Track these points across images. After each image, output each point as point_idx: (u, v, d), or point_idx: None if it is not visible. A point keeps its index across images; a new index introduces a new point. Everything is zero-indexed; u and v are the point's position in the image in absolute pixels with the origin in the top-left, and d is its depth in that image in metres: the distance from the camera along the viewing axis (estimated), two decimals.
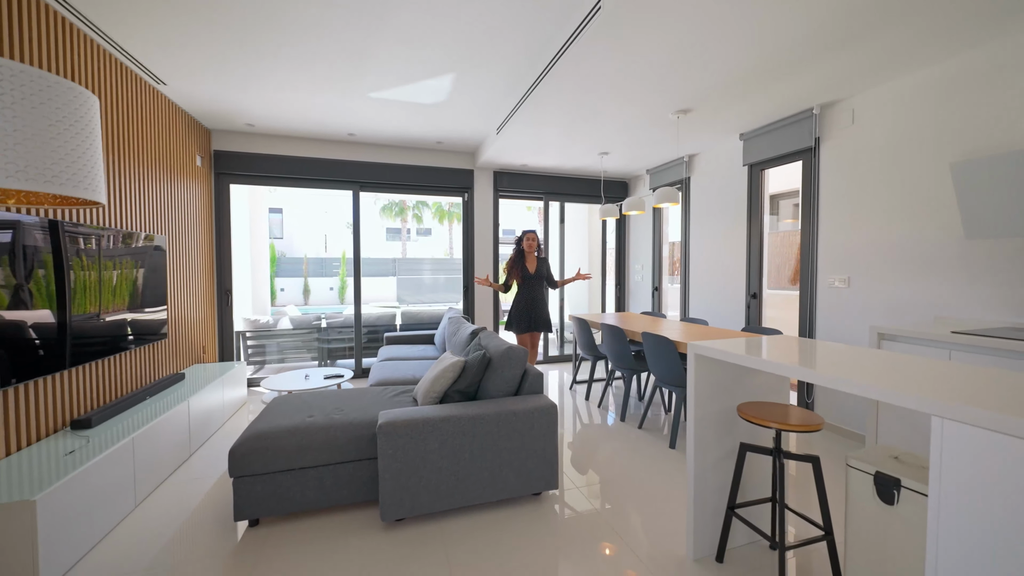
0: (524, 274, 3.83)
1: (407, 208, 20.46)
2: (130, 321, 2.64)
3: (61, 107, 1.09)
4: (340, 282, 15.23)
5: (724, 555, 1.73)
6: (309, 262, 16.10)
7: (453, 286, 16.67)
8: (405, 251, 21.34)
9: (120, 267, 2.55)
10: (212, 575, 1.67)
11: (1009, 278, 2.22)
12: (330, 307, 13.24)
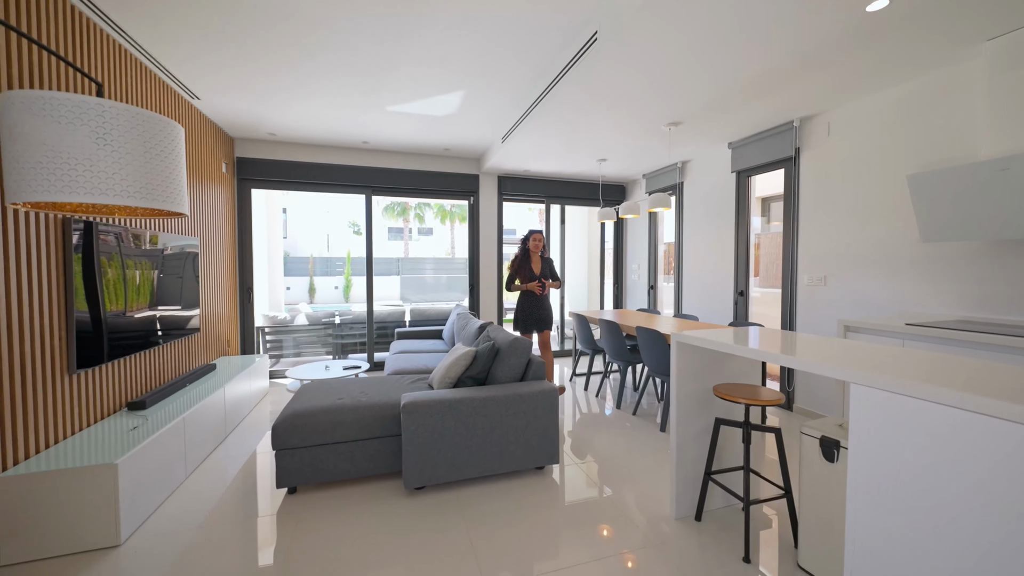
0: (529, 275, 3.90)
1: (409, 208, 20.74)
2: (174, 316, 2.92)
3: (155, 136, 1.36)
4: (345, 281, 15.52)
5: (702, 515, 2.01)
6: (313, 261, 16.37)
7: (454, 285, 16.95)
8: (407, 251, 21.61)
9: (167, 269, 2.83)
10: (262, 532, 1.95)
11: (960, 277, 2.50)
12: (334, 306, 13.52)
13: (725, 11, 1.96)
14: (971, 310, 2.46)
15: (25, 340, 1.82)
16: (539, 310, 3.91)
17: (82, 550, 1.78)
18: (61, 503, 1.74)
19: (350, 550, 1.80)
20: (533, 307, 3.90)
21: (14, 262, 1.77)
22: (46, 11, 1.96)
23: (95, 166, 1.23)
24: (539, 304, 3.91)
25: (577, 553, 1.79)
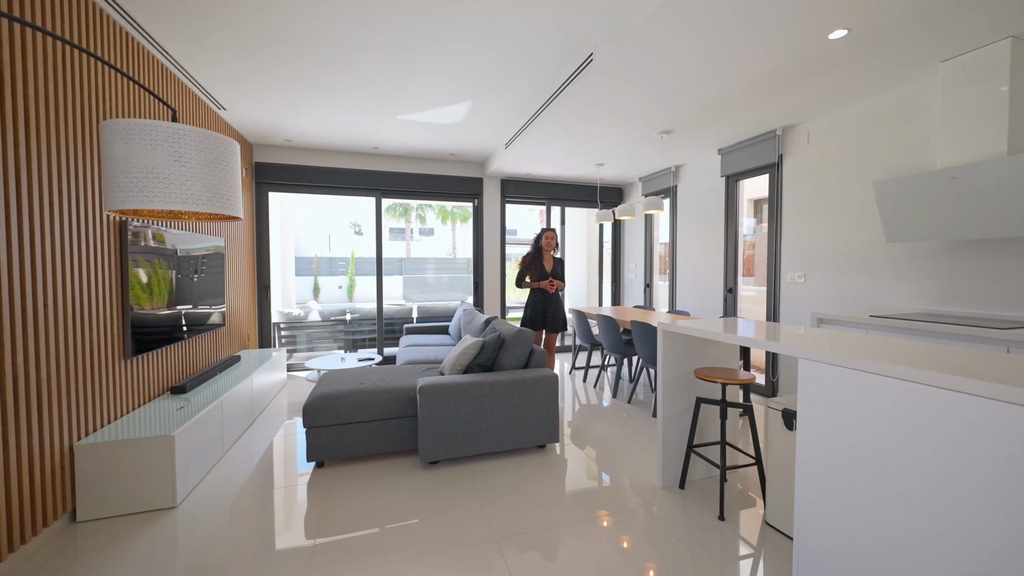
0: (541, 273, 3.82)
1: (411, 209, 21.00)
2: (205, 311, 3.19)
3: (217, 152, 1.62)
4: (349, 281, 15.77)
5: (686, 483, 2.27)
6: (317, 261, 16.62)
7: (455, 284, 17.22)
8: (409, 251, 21.89)
9: (200, 268, 3.10)
10: (297, 498, 2.21)
11: (921, 274, 2.76)
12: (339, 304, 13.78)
13: (706, 40, 2.22)
14: (931, 304, 2.72)
15: (92, 329, 2.08)
16: (550, 309, 3.87)
17: (144, 510, 2.04)
18: (126, 469, 2.01)
19: (376, 511, 2.06)
20: (543, 306, 3.86)
21: (84, 262, 2.03)
22: (111, 39, 2.22)
23: (170, 179, 1.48)
24: (550, 304, 3.86)
25: (575, 514, 2.05)
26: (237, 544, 1.84)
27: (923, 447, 1.19)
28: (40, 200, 1.80)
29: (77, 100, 2.01)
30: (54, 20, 1.89)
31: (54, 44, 1.87)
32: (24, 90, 1.73)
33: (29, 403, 1.73)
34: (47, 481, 1.82)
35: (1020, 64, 2.22)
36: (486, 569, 1.67)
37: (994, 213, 2.24)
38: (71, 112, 1.98)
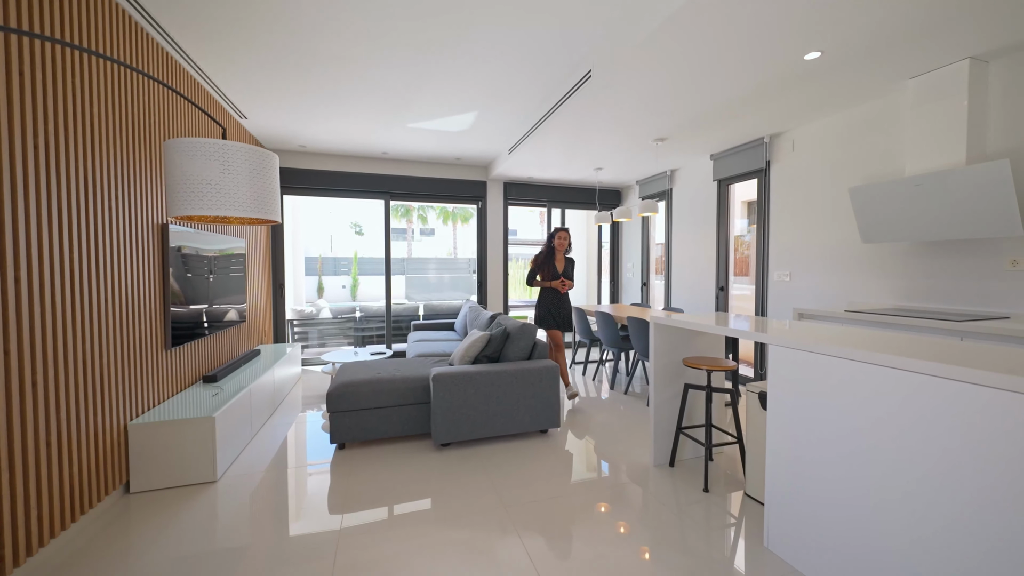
0: (552, 273, 3.81)
1: (412, 210, 21.23)
2: (231, 308, 3.42)
3: (259, 164, 1.85)
4: (352, 280, 16.03)
5: (675, 462, 2.51)
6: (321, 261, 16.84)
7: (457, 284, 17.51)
8: (410, 251, 22.12)
9: (226, 267, 3.34)
10: (322, 475, 2.45)
11: (894, 272, 2.99)
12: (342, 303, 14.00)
13: (694, 61, 2.45)
14: (902, 299, 2.95)
15: (140, 323, 2.32)
16: (563, 308, 3.85)
17: (189, 483, 2.28)
18: (173, 446, 2.24)
19: (395, 486, 2.30)
20: (556, 305, 3.83)
21: (133, 263, 2.27)
22: (154, 57, 2.46)
23: (221, 188, 1.72)
24: (563, 303, 3.86)
25: (575, 487, 2.28)
26: (276, 513, 2.08)
27: (870, 417, 1.42)
28: (100, 209, 2.03)
29: (129, 119, 2.24)
30: (111, 45, 2.12)
31: (109, 69, 2.11)
32: (89, 112, 1.96)
33: (92, 387, 1.96)
34: (106, 456, 2.05)
35: (977, 82, 2.46)
36: (499, 531, 1.91)
37: (953, 217, 2.47)
38: (124, 130, 2.21)
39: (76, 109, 1.88)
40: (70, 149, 1.85)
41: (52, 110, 1.75)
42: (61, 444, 1.77)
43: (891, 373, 1.35)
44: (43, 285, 1.70)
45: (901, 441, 1.33)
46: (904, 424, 1.32)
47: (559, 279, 3.79)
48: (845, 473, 1.49)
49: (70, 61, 1.85)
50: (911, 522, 1.30)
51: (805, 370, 1.61)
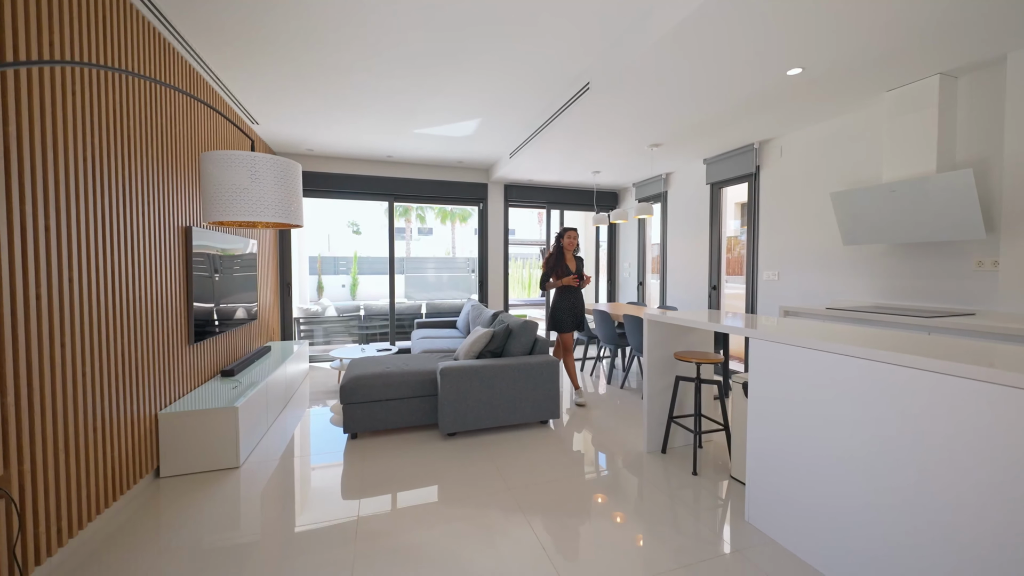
0: (564, 273, 3.78)
1: (410, 209, 21.37)
2: (244, 306, 3.58)
3: (284, 173, 2.02)
4: (352, 279, 16.16)
5: (667, 449, 2.69)
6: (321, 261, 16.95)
7: (456, 284, 17.69)
8: (409, 251, 22.25)
9: (241, 268, 3.49)
10: (337, 461, 2.61)
11: (873, 272, 3.18)
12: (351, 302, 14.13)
13: (685, 77, 2.63)
14: (880, 298, 3.15)
15: (167, 319, 2.48)
16: (577, 309, 3.80)
17: (214, 469, 2.44)
18: (200, 434, 2.41)
19: (407, 470, 2.47)
20: (571, 305, 3.78)
21: (161, 265, 2.43)
22: (178, 70, 2.62)
23: (249, 195, 1.88)
24: (577, 303, 3.81)
25: (573, 471, 2.46)
26: (297, 496, 2.24)
27: (834, 401, 1.61)
28: (135, 214, 2.19)
29: (158, 130, 2.40)
30: (144, 63, 2.28)
31: (142, 87, 2.27)
32: (126, 125, 2.12)
33: (128, 378, 2.12)
34: (140, 443, 2.22)
35: (947, 96, 2.65)
36: (505, 509, 2.08)
37: (924, 222, 2.66)
38: (154, 140, 2.37)
39: (115, 123, 2.04)
40: (111, 160, 2.01)
41: (96, 125, 1.91)
42: (104, 430, 1.94)
43: (851, 361, 1.53)
44: (91, 284, 1.86)
45: (861, 421, 1.51)
46: (863, 405, 1.50)
47: (572, 276, 3.73)
48: (813, 452, 1.67)
49: (110, 81, 2.01)
50: (868, 490, 1.49)
51: (780, 360, 1.79)
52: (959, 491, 1.25)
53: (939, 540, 1.30)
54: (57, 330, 1.67)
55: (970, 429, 1.24)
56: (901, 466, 1.39)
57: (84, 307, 1.82)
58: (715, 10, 1.98)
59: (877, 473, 1.46)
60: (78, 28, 1.79)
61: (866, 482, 1.49)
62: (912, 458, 1.36)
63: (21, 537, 1.47)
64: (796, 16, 2.04)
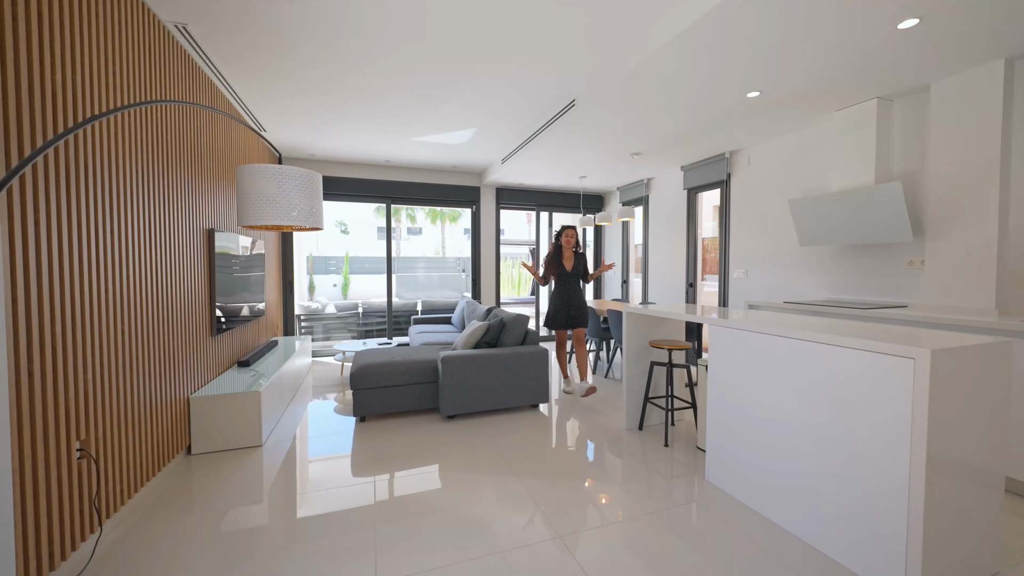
0: (560, 271, 3.83)
1: (400, 209, 21.50)
2: (255, 303, 3.84)
3: (307, 183, 2.31)
4: (343, 279, 16.29)
5: (643, 426, 3.04)
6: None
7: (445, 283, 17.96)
8: (399, 250, 22.37)
9: (252, 267, 3.75)
10: (348, 441, 2.90)
11: (826, 270, 3.58)
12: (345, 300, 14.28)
13: (658, 99, 2.98)
14: (831, 293, 3.55)
15: (194, 314, 2.74)
16: (572, 307, 3.86)
17: (239, 447, 2.71)
18: (226, 416, 2.67)
19: (414, 447, 2.77)
20: (566, 304, 3.86)
21: (190, 264, 2.69)
22: (204, 89, 2.88)
23: (277, 202, 2.17)
24: (572, 301, 3.87)
25: (562, 446, 2.79)
26: (318, 469, 2.53)
27: (782, 377, 1.96)
28: (171, 218, 2.46)
29: (185, 140, 2.67)
30: (175, 81, 2.54)
31: (176, 106, 2.53)
32: (163, 139, 2.39)
33: (166, 365, 2.39)
34: (176, 423, 2.48)
35: (884, 117, 3.05)
36: (501, 475, 2.40)
37: (865, 226, 3.06)
38: (183, 150, 2.63)
39: (154, 138, 2.30)
40: (153, 172, 2.27)
41: (142, 140, 2.18)
42: (149, 410, 2.20)
43: (780, 340, 1.89)
44: (140, 280, 2.13)
45: (789, 386, 1.87)
46: (791, 373, 1.86)
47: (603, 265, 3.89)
48: (756, 417, 2.03)
49: (152, 104, 2.27)
50: (794, 445, 1.85)
51: (730, 343, 2.15)
52: (857, 441, 1.61)
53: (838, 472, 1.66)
54: (116, 320, 1.93)
55: (858, 384, 1.60)
56: (820, 424, 1.75)
57: (134, 300, 2.08)
58: (680, 46, 2.33)
59: (802, 430, 1.82)
60: (133, 56, 2.06)
61: (793, 439, 1.85)
62: (826, 410, 1.73)
63: (100, 491, 1.75)
64: (752, 50, 2.40)
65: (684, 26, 2.14)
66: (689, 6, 2.11)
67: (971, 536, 1.55)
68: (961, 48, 2.38)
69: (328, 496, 2.20)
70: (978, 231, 2.59)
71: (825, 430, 1.73)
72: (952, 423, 1.47)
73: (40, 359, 1.48)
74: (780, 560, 1.70)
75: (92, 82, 1.77)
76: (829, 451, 1.72)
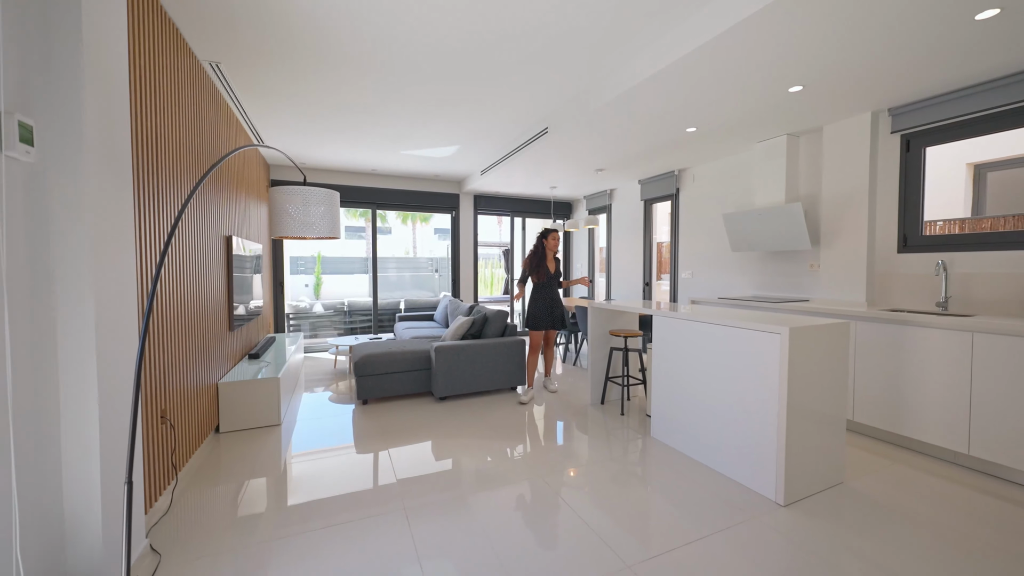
0: (544, 273, 3.93)
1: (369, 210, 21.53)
2: (256, 302, 4.20)
3: (327, 199, 2.77)
4: (316, 279, 16.28)
5: (604, 401, 3.68)
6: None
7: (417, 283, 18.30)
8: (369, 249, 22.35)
9: (254, 269, 4.11)
10: (356, 419, 3.37)
11: (751, 271, 4.35)
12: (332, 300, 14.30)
13: (614, 128, 3.62)
14: (756, 290, 4.32)
15: (219, 310, 3.13)
16: (555, 309, 3.94)
17: (261, 426, 3.13)
18: (250, 399, 3.09)
19: (412, 422, 3.28)
20: (549, 306, 3.93)
21: (214, 267, 3.08)
22: (221, 107, 3.26)
23: (303, 217, 2.63)
24: (555, 303, 3.96)
25: (537, 418, 3.37)
26: (332, 439, 2.99)
27: (708, 354, 2.62)
28: (202, 226, 2.85)
29: (211, 159, 3.05)
30: (202, 105, 2.93)
31: (210, 134, 2.92)
32: (198, 162, 2.78)
33: (201, 354, 2.78)
34: (208, 406, 2.88)
35: (792, 150, 3.82)
36: (487, 439, 2.95)
37: (779, 236, 3.82)
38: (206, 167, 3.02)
39: (200, 159, 2.70)
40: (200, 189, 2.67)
41: (193, 159, 2.58)
42: (192, 393, 2.61)
43: (699, 325, 2.54)
44: (189, 279, 2.53)
45: (706, 360, 2.52)
46: (707, 350, 2.51)
47: (583, 278, 4.17)
48: (684, 384, 2.68)
49: (195, 132, 2.67)
50: (708, 400, 2.50)
51: (670, 329, 2.80)
52: (747, 395, 2.27)
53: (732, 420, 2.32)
54: (175, 312, 2.34)
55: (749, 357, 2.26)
56: (725, 385, 2.41)
57: (185, 297, 2.49)
58: (635, 94, 2.95)
59: (715, 391, 2.48)
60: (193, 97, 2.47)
61: (709, 398, 2.51)
62: (727, 377, 2.39)
63: (175, 450, 2.17)
64: (688, 97, 3.06)
65: (639, 80, 2.76)
66: (641, 67, 2.74)
67: (821, 458, 2.24)
68: (837, 104, 3.14)
69: (351, 456, 2.68)
70: (854, 242, 3.37)
71: (728, 389, 2.40)
72: (805, 379, 2.15)
73: (150, 345, 1.90)
74: (699, 483, 2.34)
75: (162, 113, 2.19)
76: (731, 404, 2.38)
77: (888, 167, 3.26)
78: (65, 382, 1.36)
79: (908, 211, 3.18)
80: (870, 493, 2.23)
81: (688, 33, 2.35)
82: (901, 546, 1.81)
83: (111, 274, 1.51)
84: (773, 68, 2.59)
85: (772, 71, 2.63)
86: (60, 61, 1.33)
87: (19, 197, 1.23)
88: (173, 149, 2.32)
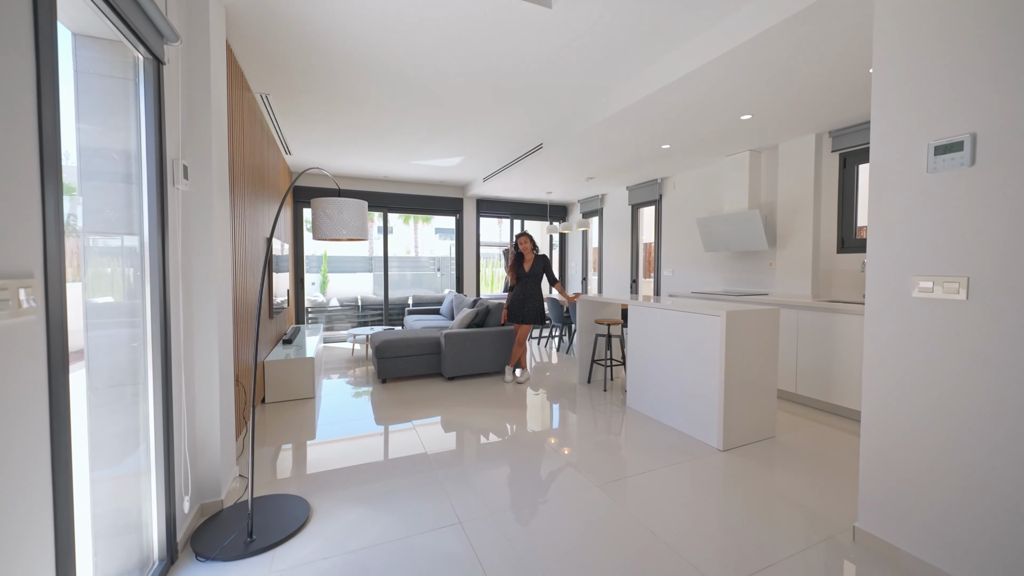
0: (519, 272, 4.34)
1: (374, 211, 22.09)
2: (284, 295, 4.78)
3: (356, 207, 3.35)
4: (322, 277, 16.86)
5: (591, 380, 4.26)
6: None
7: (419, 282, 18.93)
8: (371, 249, 22.90)
9: (282, 267, 4.69)
10: (378, 394, 3.95)
11: (721, 269, 4.94)
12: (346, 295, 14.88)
13: (601, 144, 4.20)
14: (725, 286, 4.90)
15: (260, 302, 3.70)
16: (526, 304, 4.26)
17: (299, 398, 3.71)
18: (290, 375, 3.66)
19: (422, 398, 3.85)
20: (520, 301, 4.29)
21: (257, 265, 3.65)
22: (267, 139, 3.83)
23: (347, 222, 3.21)
24: (526, 299, 4.27)
25: (532, 394, 3.95)
26: (362, 411, 3.57)
27: (669, 336, 3.20)
28: (250, 230, 3.43)
29: (259, 174, 3.63)
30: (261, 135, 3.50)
31: (259, 154, 3.49)
32: (256, 176, 3.36)
33: (251, 337, 3.36)
34: (258, 380, 3.45)
35: (754, 163, 4.40)
36: (490, 407, 3.53)
37: (743, 238, 4.40)
38: (257, 181, 3.59)
39: (256, 173, 3.28)
40: (255, 199, 3.24)
41: (249, 175, 3.15)
42: (250, 369, 3.18)
43: (663, 312, 3.12)
44: (246, 276, 3.11)
45: (668, 341, 3.10)
46: (669, 333, 3.09)
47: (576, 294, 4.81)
48: (655, 362, 3.25)
49: (253, 152, 3.24)
50: (674, 373, 3.08)
51: (641, 316, 3.38)
52: (697, 366, 2.85)
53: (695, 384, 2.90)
54: (239, 301, 2.92)
55: (702, 339, 2.83)
56: (681, 360, 2.99)
57: (246, 288, 3.07)
58: (618, 118, 3.54)
59: (675, 365, 3.06)
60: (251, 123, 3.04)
61: (671, 370, 3.09)
62: (683, 354, 2.97)
63: (246, 408, 2.74)
64: (664, 119, 3.64)
65: (617, 109, 3.34)
66: (617, 99, 3.32)
67: (754, 416, 2.82)
68: (784, 127, 3.72)
69: (373, 434, 3.26)
70: (802, 244, 3.96)
71: (684, 362, 2.98)
72: (740, 354, 2.73)
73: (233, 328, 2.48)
74: (660, 436, 2.92)
75: (235, 140, 2.76)
76: (686, 374, 2.96)
77: (830, 180, 3.84)
78: (199, 348, 1.94)
79: (845, 218, 3.76)
80: (794, 444, 2.81)
81: (655, 74, 2.93)
82: (809, 476, 2.39)
83: (221, 275, 2.09)
84: (726, 101, 3.17)
85: (725, 104, 3.21)
86: (199, 121, 1.90)
87: (178, 216, 1.81)
88: (242, 168, 2.89)
